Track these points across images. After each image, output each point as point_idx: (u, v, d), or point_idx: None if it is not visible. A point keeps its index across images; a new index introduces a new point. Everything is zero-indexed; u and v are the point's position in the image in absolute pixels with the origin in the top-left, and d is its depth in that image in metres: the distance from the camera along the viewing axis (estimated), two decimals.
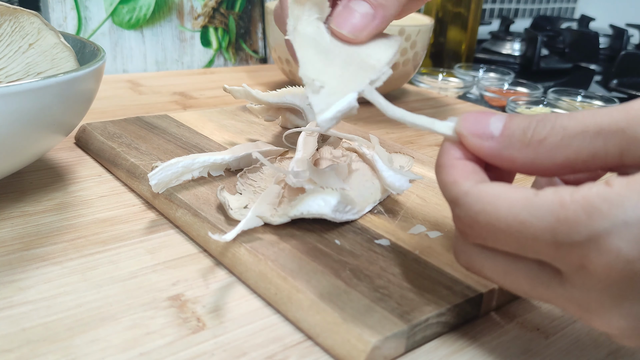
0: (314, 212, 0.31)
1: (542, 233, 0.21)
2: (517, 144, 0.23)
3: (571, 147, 0.22)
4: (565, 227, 0.20)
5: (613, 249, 0.19)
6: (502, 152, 0.23)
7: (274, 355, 0.25)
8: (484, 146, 0.23)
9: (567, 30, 1.26)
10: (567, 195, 0.20)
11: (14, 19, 0.37)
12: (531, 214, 0.21)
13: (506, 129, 0.23)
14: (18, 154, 0.32)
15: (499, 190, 0.22)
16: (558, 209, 0.20)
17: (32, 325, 0.25)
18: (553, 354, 0.26)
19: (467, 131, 0.24)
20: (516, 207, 0.21)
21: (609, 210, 0.19)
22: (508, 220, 0.21)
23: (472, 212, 0.22)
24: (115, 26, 0.73)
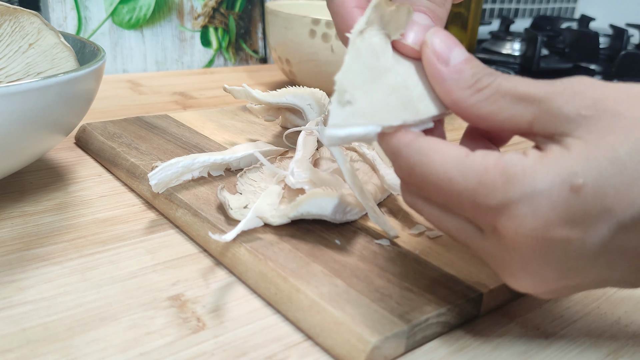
0: (314, 213, 0.31)
1: (464, 192, 0.22)
2: (461, 82, 0.24)
3: (496, 105, 0.24)
4: (484, 190, 0.22)
5: (520, 216, 0.21)
6: (445, 81, 0.25)
7: (274, 355, 0.25)
8: (435, 66, 0.25)
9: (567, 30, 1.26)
10: (492, 161, 0.22)
11: (14, 19, 0.37)
12: (459, 172, 0.22)
13: (460, 65, 0.25)
14: (18, 154, 0.32)
15: (436, 145, 0.23)
16: (482, 173, 0.22)
17: (32, 325, 0.25)
18: (553, 354, 0.26)
19: (431, 44, 0.25)
20: (448, 163, 0.23)
21: (522, 179, 0.21)
22: (439, 175, 0.23)
23: (410, 162, 0.24)
24: (115, 26, 0.73)
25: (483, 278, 0.29)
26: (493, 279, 0.29)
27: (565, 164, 0.21)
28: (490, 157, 0.22)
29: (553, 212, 0.21)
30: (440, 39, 0.25)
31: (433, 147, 0.23)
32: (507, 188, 0.21)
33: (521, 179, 0.21)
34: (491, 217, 0.22)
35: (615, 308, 0.30)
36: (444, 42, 0.25)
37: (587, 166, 0.21)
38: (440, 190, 0.23)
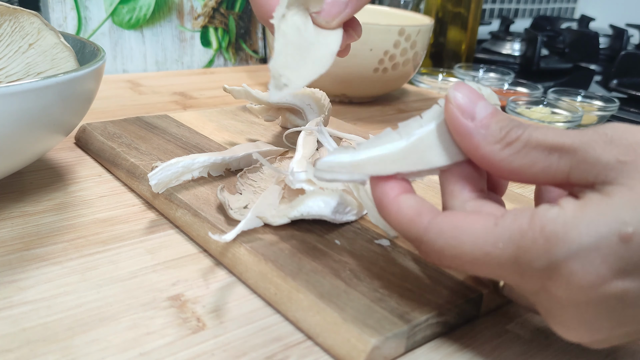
0: (314, 213, 0.31)
1: (506, 262, 0.22)
2: (489, 137, 0.24)
3: (529, 156, 0.23)
4: (526, 255, 0.21)
5: (571, 274, 0.21)
6: (472, 136, 0.24)
7: (274, 355, 0.25)
8: (462, 123, 0.24)
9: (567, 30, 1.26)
10: (526, 222, 0.21)
11: (14, 19, 0.37)
12: (494, 245, 0.22)
13: (487, 119, 0.24)
14: (18, 154, 0.32)
15: (459, 222, 0.23)
16: (518, 238, 0.21)
17: (32, 325, 0.25)
18: (553, 354, 0.26)
19: (455, 100, 0.25)
20: (479, 239, 0.22)
21: (564, 236, 0.20)
22: (474, 254, 0.22)
23: (437, 247, 0.23)
24: (115, 26, 0.73)
25: (483, 278, 0.29)
26: (493, 279, 0.29)
27: (610, 213, 0.20)
28: (523, 218, 0.21)
29: (605, 266, 0.20)
30: (463, 93, 0.25)
31: (457, 226, 0.23)
32: (550, 248, 0.21)
33: (563, 236, 0.20)
34: (538, 280, 0.22)
35: None
36: (468, 96, 0.25)
37: (635, 213, 0.20)
38: (479, 267, 0.23)
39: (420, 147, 0.25)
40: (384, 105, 0.67)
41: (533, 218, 0.21)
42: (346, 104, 0.66)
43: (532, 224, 0.21)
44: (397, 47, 0.61)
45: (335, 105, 0.66)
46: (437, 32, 0.94)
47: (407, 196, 0.25)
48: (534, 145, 0.23)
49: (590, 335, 0.22)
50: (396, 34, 0.60)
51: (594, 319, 0.22)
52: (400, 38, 0.60)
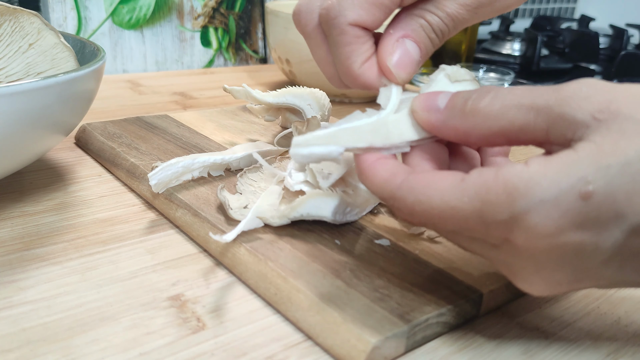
0: (313, 214, 0.31)
1: (470, 215, 0.22)
2: (458, 113, 0.25)
3: (506, 117, 0.23)
4: (490, 208, 0.22)
5: (531, 226, 0.21)
6: (446, 123, 0.25)
7: (274, 355, 0.25)
8: (431, 118, 0.25)
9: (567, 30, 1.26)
10: (491, 177, 0.22)
11: (14, 19, 0.37)
12: (460, 199, 0.22)
13: (450, 101, 0.25)
14: (18, 154, 0.32)
15: (429, 179, 0.24)
16: (483, 192, 0.22)
17: (32, 325, 0.25)
18: (553, 354, 0.26)
19: (417, 106, 0.26)
20: (446, 194, 0.23)
21: (526, 190, 0.21)
22: (441, 208, 0.23)
23: (408, 203, 0.24)
24: (115, 26, 0.73)
25: (483, 278, 0.29)
26: (493, 279, 0.29)
27: (573, 170, 0.21)
28: (488, 174, 0.22)
29: (563, 219, 0.21)
30: (422, 97, 0.26)
31: (426, 183, 0.24)
32: (513, 200, 0.21)
33: (525, 191, 0.21)
34: (501, 232, 0.22)
35: (615, 308, 0.30)
36: (426, 97, 0.26)
37: (597, 171, 0.21)
38: (446, 221, 0.23)
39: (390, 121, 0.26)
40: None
41: (497, 173, 0.22)
42: (346, 104, 0.66)
43: (496, 179, 0.22)
44: None
45: (335, 105, 0.66)
46: None
47: (384, 160, 0.26)
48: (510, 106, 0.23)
49: (549, 288, 0.23)
50: None
51: (552, 272, 0.22)
52: None
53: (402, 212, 0.25)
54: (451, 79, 0.27)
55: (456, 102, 0.25)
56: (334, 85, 0.32)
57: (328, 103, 0.47)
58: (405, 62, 0.29)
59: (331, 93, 0.65)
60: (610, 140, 0.21)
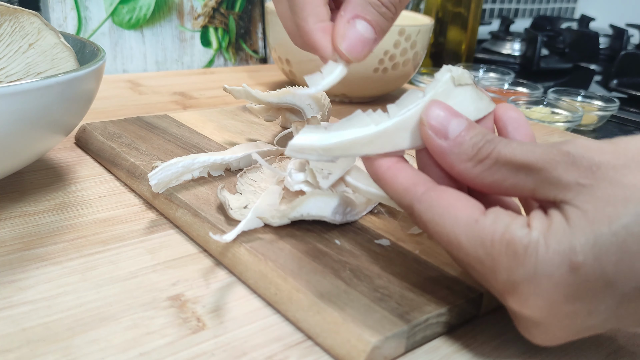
0: (314, 214, 0.31)
1: (474, 261, 0.23)
2: (462, 155, 0.25)
3: (499, 174, 0.24)
4: (492, 264, 0.23)
5: (525, 296, 0.22)
6: (446, 155, 0.25)
7: (274, 355, 0.25)
8: (435, 142, 0.25)
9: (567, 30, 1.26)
10: (499, 232, 0.22)
11: (14, 19, 0.37)
12: (468, 241, 0.23)
13: (460, 137, 0.25)
14: (18, 154, 0.32)
15: (449, 204, 0.24)
16: (489, 245, 0.22)
17: (32, 325, 0.25)
18: (553, 354, 0.26)
19: (428, 120, 0.25)
20: (458, 228, 0.23)
21: (524, 259, 0.22)
22: (449, 238, 0.24)
23: (423, 219, 0.25)
24: (115, 26, 0.73)
25: None
26: None
27: (565, 241, 0.21)
28: (500, 226, 0.22)
29: (556, 291, 0.21)
30: (436, 113, 0.25)
31: (446, 206, 0.24)
32: (511, 267, 0.22)
33: (523, 259, 0.22)
34: (499, 288, 0.23)
35: None
36: (440, 116, 0.25)
37: (586, 242, 0.21)
38: (450, 251, 0.24)
39: (389, 132, 0.26)
40: (384, 105, 0.67)
41: (506, 231, 0.22)
42: (346, 104, 0.66)
43: (503, 237, 0.22)
44: (397, 47, 0.61)
45: (335, 105, 0.66)
46: (437, 32, 0.94)
47: (403, 165, 0.26)
48: (502, 163, 0.24)
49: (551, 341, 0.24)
50: (396, 34, 0.60)
51: (550, 331, 0.23)
52: (400, 38, 0.60)
53: (417, 223, 0.25)
54: (455, 82, 0.27)
55: (465, 142, 0.25)
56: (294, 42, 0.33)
57: (328, 103, 0.47)
58: (357, 44, 0.29)
59: (331, 93, 0.65)
60: (596, 208, 0.21)
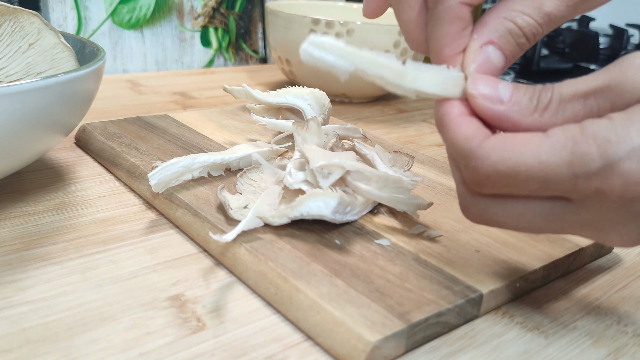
0: (314, 213, 0.31)
1: (561, 169, 0.23)
2: (524, 110, 0.25)
3: (568, 110, 0.24)
4: (581, 160, 0.22)
5: (626, 172, 0.22)
6: (509, 116, 0.25)
7: (274, 355, 0.25)
8: (493, 109, 0.25)
9: (567, 30, 1.26)
10: (577, 131, 0.23)
11: (14, 19, 0.37)
12: (548, 153, 0.23)
13: (514, 96, 0.25)
14: (18, 154, 0.32)
15: (512, 139, 0.24)
16: (571, 145, 0.23)
17: (32, 325, 0.25)
18: (553, 354, 0.26)
19: (479, 92, 0.25)
20: (534, 148, 0.23)
21: (617, 139, 0.22)
22: (528, 163, 0.23)
23: (490, 161, 0.24)
24: (115, 26, 0.73)
25: (483, 278, 0.29)
26: (493, 279, 0.29)
27: None
28: (573, 129, 0.23)
29: None
30: (483, 83, 0.26)
31: (508, 140, 0.24)
32: (605, 151, 0.22)
33: (617, 140, 0.22)
34: (594, 182, 0.23)
35: (615, 308, 0.30)
36: (487, 84, 0.25)
37: None
38: (532, 177, 0.24)
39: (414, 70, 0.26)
40: (384, 105, 0.67)
41: (583, 128, 0.23)
42: (346, 104, 0.66)
43: (584, 133, 0.23)
44: (397, 47, 0.61)
45: (335, 105, 0.66)
46: None
47: (469, 118, 0.26)
48: (568, 100, 0.24)
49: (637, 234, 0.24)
50: (396, 34, 0.60)
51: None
52: (401, 38, 0.60)
53: (479, 173, 0.24)
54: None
55: (521, 98, 0.25)
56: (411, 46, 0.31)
57: (328, 103, 0.47)
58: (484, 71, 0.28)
59: (331, 93, 0.65)
60: None
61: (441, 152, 0.52)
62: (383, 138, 0.50)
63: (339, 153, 0.36)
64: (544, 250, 0.32)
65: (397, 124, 0.60)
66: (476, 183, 0.25)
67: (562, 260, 0.32)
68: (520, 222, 0.25)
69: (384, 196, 0.33)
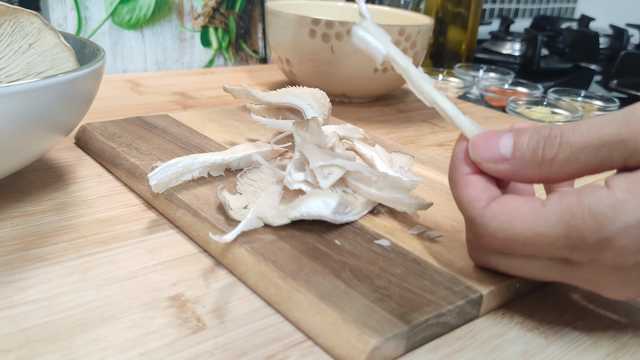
0: (314, 213, 0.31)
1: (556, 239, 0.24)
2: (530, 164, 0.25)
3: (579, 161, 0.24)
4: (577, 233, 0.23)
5: (620, 247, 0.23)
6: (517, 173, 0.26)
7: (274, 355, 0.25)
8: (499, 169, 0.26)
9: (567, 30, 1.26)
10: (574, 202, 0.23)
11: (14, 19, 0.37)
12: (545, 225, 0.24)
13: (517, 151, 0.25)
14: (18, 154, 0.32)
15: (511, 206, 0.25)
16: (568, 218, 0.23)
17: (32, 325, 0.25)
18: (553, 354, 0.26)
19: (481, 158, 0.26)
20: (530, 221, 0.24)
21: (613, 216, 0.22)
22: (525, 234, 0.24)
23: (490, 230, 0.25)
24: (115, 26, 0.73)
25: (483, 278, 0.29)
26: (493, 279, 0.29)
27: None
28: (570, 199, 0.23)
29: None
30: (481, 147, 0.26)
31: (508, 209, 0.25)
32: (600, 227, 0.23)
33: (612, 216, 0.22)
34: (588, 253, 0.23)
35: (615, 308, 0.30)
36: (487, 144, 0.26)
37: None
38: (528, 246, 0.24)
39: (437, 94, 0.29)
40: (384, 105, 0.67)
41: (581, 198, 0.23)
42: (346, 104, 0.66)
43: (581, 204, 0.23)
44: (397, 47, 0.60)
45: (335, 105, 0.66)
46: (437, 32, 0.94)
47: (478, 177, 0.26)
48: (578, 151, 0.24)
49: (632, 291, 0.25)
50: (396, 34, 0.60)
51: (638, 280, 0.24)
52: (400, 38, 0.60)
53: (482, 238, 0.26)
54: None
55: (524, 152, 0.25)
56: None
57: (328, 103, 0.47)
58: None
59: (331, 93, 0.65)
60: None
61: (441, 152, 0.52)
62: (383, 138, 0.50)
63: (339, 153, 0.36)
64: None
65: (397, 124, 0.60)
66: (478, 244, 0.27)
67: None
68: (520, 272, 0.27)
69: (384, 196, 0.33)
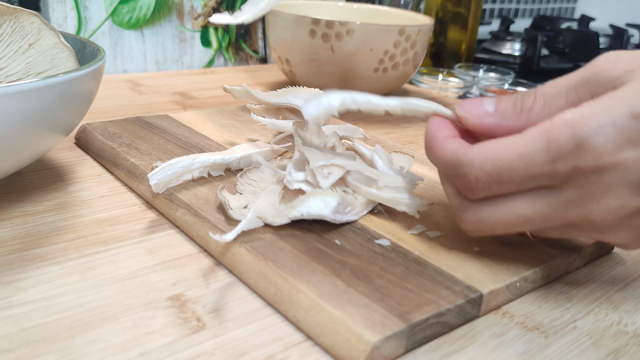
0: (314, 213, 0.31)
1: (539, 156, 0.25)
2: (511, 114, 0.28)
3: (554, 107, 0.27)
4: (555, 144, 0.25)
5: (595, 146, 0.25)
6: (500, 124, 0.28)
7: (274, 355, 0.25)
8: (484, 122, 0.28)
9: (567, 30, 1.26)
10: (548, 122, 0.26)
11: (14, 19, 0.37)
12: (525, 144, 0.26)
13: (499, 105, 0.28)
14: (18, 154, 0.32)
15: (492, 142, 0.27)
16: (545, 133, 0.25)
17: (32, 325, 0.25)
18: (553, 354, 0.26)
19: (468, 112, 0.29)
20: (511, 146, 0.26)
21: (584, 121, 0.25)
22: (509, 157, 0.26)
23: (477, 164, 0.27)
24: (115, 26, 0.73)
25: (483, 278, 0.29)
26: (493, 279, 0.29)
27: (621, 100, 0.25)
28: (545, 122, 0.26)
29: (621, 137, 0.24)
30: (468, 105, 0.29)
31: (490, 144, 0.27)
32: (575, 132, 0.25)
33: (584, 121, 0.25)
34: (570, 161, 0.25)
35: (615, 308, 0.30)
36: (472, 103, 0.29)
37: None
38: (514, 171, 0.26)
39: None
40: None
41: (553, 118, 0.25)
42: None
43: (554, 121, 0.25)
44: (397, 47, 0.61)
45: None
46: (437, 32, 0.94)
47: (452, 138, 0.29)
48: (552, 97, 0.27)
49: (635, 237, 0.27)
50: (396, 34, 0.60)
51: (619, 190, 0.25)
52: (401, 38, 0.60)
53: (469, 177, 0.27)
54: None
55: (505, 106, 0.28)
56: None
57: None
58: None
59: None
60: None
61: None
62: (383, 138, 0.50)
63: (339, 153, 0.36)
64: (544, 250, 0.32)
65: (397, 124, 0.60)
66: (468, 188, 0.28)
67: (562, 260, 0.32)
68: (511, 216, 0.27)
69: (384, 196, 0.33)
